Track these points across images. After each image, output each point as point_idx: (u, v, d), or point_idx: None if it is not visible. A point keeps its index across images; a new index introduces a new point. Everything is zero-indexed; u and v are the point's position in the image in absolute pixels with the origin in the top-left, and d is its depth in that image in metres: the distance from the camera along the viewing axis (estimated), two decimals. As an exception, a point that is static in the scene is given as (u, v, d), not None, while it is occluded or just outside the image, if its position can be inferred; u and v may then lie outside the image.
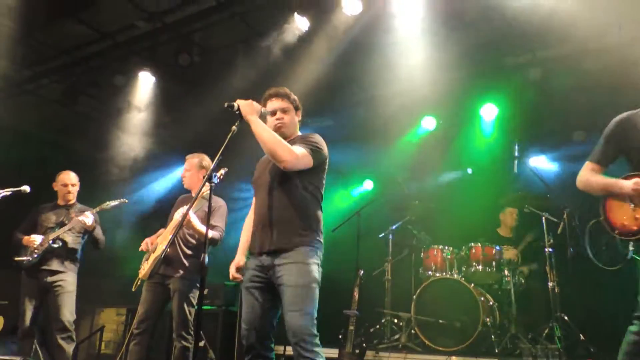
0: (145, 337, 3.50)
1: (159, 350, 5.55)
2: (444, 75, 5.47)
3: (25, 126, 7.00)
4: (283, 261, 2.47)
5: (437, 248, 5.09)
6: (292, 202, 2.56)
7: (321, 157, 2.64)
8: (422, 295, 4.77)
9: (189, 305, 3.58)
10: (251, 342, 2.54)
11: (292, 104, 2.76)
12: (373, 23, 5.01)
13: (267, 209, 2.57)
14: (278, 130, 2.69)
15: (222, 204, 3.81)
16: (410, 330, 4.80)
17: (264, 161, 2.80)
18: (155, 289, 3.61)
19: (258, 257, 2.58)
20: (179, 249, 3.62)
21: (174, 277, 3.58)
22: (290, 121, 2.74)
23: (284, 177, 2.59)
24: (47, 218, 4.29)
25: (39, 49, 6.32)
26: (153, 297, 3.59)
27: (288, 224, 2.53)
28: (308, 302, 2.41)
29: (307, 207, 2.59)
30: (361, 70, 5.76)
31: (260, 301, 2.55)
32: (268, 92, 2.77)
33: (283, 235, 2.51)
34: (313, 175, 2.63)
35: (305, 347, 2.34)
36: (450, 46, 5.19)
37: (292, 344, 2.38)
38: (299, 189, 2.59)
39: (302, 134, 2.76)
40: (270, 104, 2.74)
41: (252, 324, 2.54)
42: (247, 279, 2.61)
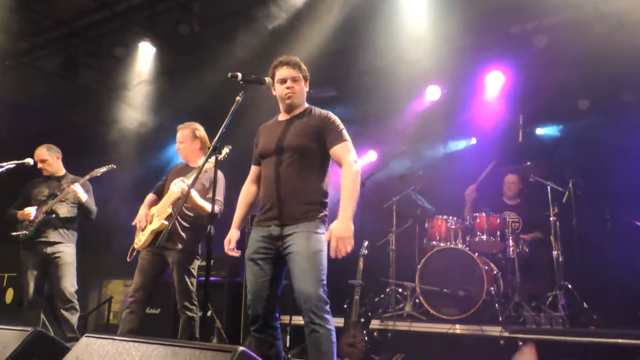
0: (140, 306, 3.48)
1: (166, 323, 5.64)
2: (449, 44, 5.37)
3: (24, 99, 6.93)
4: (293, 230, 2.49)
5: (442, 218, 5.09)
6: (302, 174, 2.56)
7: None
8: (427, 265, 4.80)
9: (189, 277, 3.55)
10: (257, 313, 2.56)
11: (302, 73, 2.71)
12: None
13: (276, 180, 2.56)
14: (289, 99, 2.67)
15: (221, 177, 3.75)
16: (415, 300, 4.85)
17: (270, 129, 2.75)
18: (151, 258, 3.56)
19: (266, 227, 2.58)
20: (177, 222, 3.55)
21: (172, 250, 3.52)
22: (300, 91, 2.71)
23: (294, 149, 2.57)
24: (39, 191, 4.31)
25: (36, 20, 6.20)
26: (149, 267, 3.54)
27: (298, 196, 2.53)
28: (319, 269, 2.43)
29: (316, 179, 2.59)
30: (365, 39, 5.65)
31: (266, 271, 2.57)
32: (278, 59, 2.72)
33: (294, 206, 2.52)
34: (323, 149, 2.61)
35: (317, 312, 2.36)
36: (455, 14, 5.08)
37: (303, 310, 2.39)
38: (308, 161, 2.58)
39: (321, 115, 2.69)
40: (280, 72, 2.69)
41: (258, 294, 2.56)
42: (252, 250, 2.62)
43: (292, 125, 2.66)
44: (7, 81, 6.50)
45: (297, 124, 2.66)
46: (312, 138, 2.60)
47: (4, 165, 3.66)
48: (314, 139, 2.60)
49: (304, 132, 2.62)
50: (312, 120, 2.66)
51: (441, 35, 5.15)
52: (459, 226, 5.04)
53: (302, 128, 2.63)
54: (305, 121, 2.66)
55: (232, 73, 2.49)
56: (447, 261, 4.74)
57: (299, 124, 2.66)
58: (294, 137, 2.61)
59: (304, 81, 2.74)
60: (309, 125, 2.64)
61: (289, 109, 2.73)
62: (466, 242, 4.96)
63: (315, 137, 2.60)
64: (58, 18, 6.26)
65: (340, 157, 2.57)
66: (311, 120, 2.66)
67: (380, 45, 5.64)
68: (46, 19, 6.29)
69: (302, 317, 2.43)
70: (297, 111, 2.73)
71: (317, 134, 2.61)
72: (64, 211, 4.26)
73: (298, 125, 2.65)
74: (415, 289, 4.80)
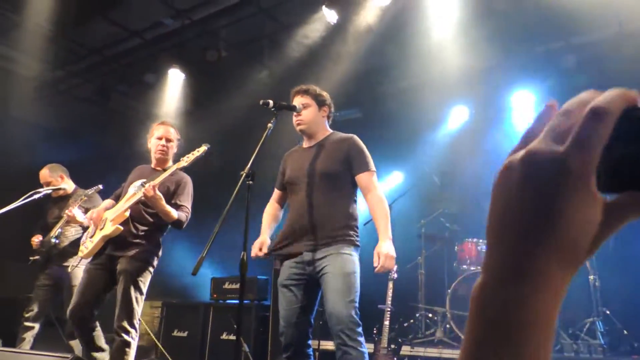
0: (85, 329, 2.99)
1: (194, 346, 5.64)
2: (475, 64, 5.35)
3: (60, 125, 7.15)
4: (325, 254, 2.48)
5: (471, 241, 5.00)
6: (331, 199, 2.56)
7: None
8: (457, 289, 4.70)
9: (136, 290, 2.98)
10: (289, 340, 2.53)
11: (315, 99, 2.72)
12: (402, 13, 4.93)
13: (307, 207, 2.57)
14: (297, 126, 2.69)
15: (189, 181, 3.29)
16: (446, 325, 4.74)
17: (296, 157, 2.77)
18: (97, 272, 3.05)
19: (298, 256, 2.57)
20: (132, 226, 3.08)
21: (122, 257, 3.02)
22: (310, 117, 2.70)
23: (323, 176, 2.58)
24: (51, 213, 4.29)
25: (71, 48, 6.45)
26: (93, 282, 3.02)
27: (329, 221, 2.53)
28: (352, 291, 2.40)
29: (346, 204, 2.59)
30: (390, 61, 5.70)
31: (298, 298, 2.55)
32: (293, 90, 2.76)
33: (325, 232, 2.51)
34: (351, 173, 2.62)
35: (349, 335, 2.32)
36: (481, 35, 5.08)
37: (334, 332, 2.36)
38: (337, 186, 2.58)
39: (347, 139, 2.68)
40: (294, 101, 2.72)
41: (290, 321, 2.53)
42: (284, 276, 2.61)
43: (317, 152, 2.67)
44: (43, 108, 6.72)
45: (322, 150, 2.67)
46: (340, 163, 2.61)
47: (41, 191, 3.74)
48: (342, 163, 2.61)
49: (331, 158, 2.62)
50: (337, 145, 2.66)
51: (467, 55, 5.14)
52: (489, 249, 4.93)
53: (329, 153, 2.64)
54: (331, 146, 2.67)
55: (264, 100, 2.52)
56: (478, 285, 4.62)
57: (324, 150, 2.66)
58: (321, 163, 2.62)
59: (320, 106, 2.73)
60: (335, 150, 2.65)
61: (307, 136, 2.74)
62: (498, 265, 4.83)
63: (342, 162, 2.61)
64: (91, 47, 6.50)
65: (366, 185, 2.58)
66: (336, 145, 2.67)
67: (405, 66, 5.66)
68: (80, 48, 6.53)
69: (333, 340, 2.40)
70: (320, 137, 2.73)
71: (345, 159, 2.61)
72: (72, 233, 4.18)
73: (324, 151, 2.66)
74: (446, 314, 4.69)
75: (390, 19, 4.93)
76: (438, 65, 5.22)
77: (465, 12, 4.74)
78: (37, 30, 5.67)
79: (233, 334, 5.42)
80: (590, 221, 0.36)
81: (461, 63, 5.16)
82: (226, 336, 5.48)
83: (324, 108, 2.76)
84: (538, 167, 0.36)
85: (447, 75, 5.31)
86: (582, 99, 0.38)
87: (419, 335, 4.87)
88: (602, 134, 0.35)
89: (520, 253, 0.36)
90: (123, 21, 5.99)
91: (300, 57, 5.53)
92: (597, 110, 0.36)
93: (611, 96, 0.37)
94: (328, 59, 5.59)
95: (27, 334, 3.88)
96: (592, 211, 0.36)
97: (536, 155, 0.36)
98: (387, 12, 4.85)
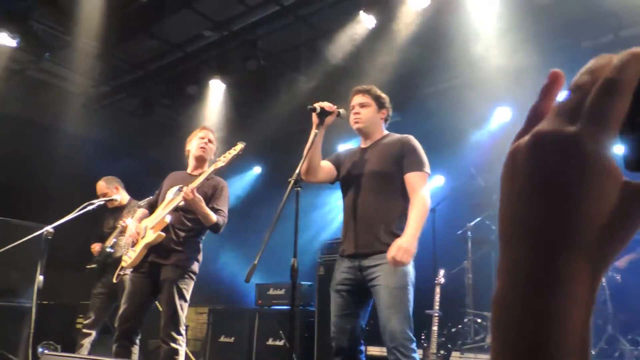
0: (131, 339, 3.03)
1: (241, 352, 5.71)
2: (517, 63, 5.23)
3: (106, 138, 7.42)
4: (379, 262, 2.45)
5: (520, 244, 4.86)
6: (385, 202, 2.54)
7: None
8: (507, 294, 4.58)
9: (180, 299, 2.99)
10: (341, 345, 2.53)
11: (374, 99, 2.71)
12: (441, 14, 4.87)
13: (360, 209, 2.55)
14: (355, 124, 2.67)
15: (226, 185, 3.29)
16: (495, 330, 4.63)
17: (351, 157, 2.75)
18: (142, 280, 3.08)
19: (350, 258, 2.57)
20: (172, 233, 3.08)
21: (165, 265, 3.04)
22: (368, 116, 2.69)
23: (375, 177, 2.56)
24: (107, 223, 4.43)
25: (115, 64, 6.68)
26: (140, 291, 3.06)
27: (384, 225, 2.50)
28: (405, 304, 2.38)
29: (399, 205, 2.56)
30: (429, 63, 5.64)
31: (350, 304, 2.54)
32: (352, 89, 2.76)
33: (379, 235, 2.49)
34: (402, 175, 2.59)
35: (404, 352, 2.30)
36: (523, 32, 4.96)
37: (388, 347, 2.34)
38: (390, 187, 2.56)
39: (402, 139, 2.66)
40: (352, 101, 2.73)
41: (342, 326, 2.53)
42: (336, 281, 2.61)
43: (372, 151, 2.66)
44: (91, 122, 6.99)
45: (377, 150, 2.65)
46: (394, 163, 2.58)
47: (95, 202, 3.88)
48: (396, 164, 2.57)
49: (384, 157, 2.60)
50: (392, 144, 2.64)
51: (509, 54, 5.03)
52: (539, 252, 4.79)
53: (383, 153, 2.62)
54: (385, 146, 2.65)
55: (311, 106, 2.53)
56: (529, 289, 4.50)
57: (379, 150, 2.65)
58: (374, 163, 2.60)
59: (379, 108, 2.72)
60: (389, 150, 2.62)
61: (363, 135, 2.73)
62: (548, 268, 4.69)
63: (395, 161, 2.58)
64: (134, 62, 6.71)
65: (412, 185, 2.53)
66: (392, 144, 2.64)
67: (445, 68, 5.59)
68: (123, 64, 6.76)
69: (387, 354, 2.38)
70: (376, 137, 2.72)
71: (398, 159, 2.58)
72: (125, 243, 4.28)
73: (378, 150, 2.65)
74: (496, 319, 4.58)
75: (428, 21, 4.88)
76: (479, 65, 5.13)
77: (507, 8, 4.63)
78: (85, 48, 5.91)
79: (279, 339, 5.46)
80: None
81: (503, 62, 5.05)
82: (272, 342, 5.53)
83: (383, 110, 2.75)
84: (548, 152, 0.31)
85: (489, 75, 5.21)
86: (592, 67, 0.33)
87: (468, 340, 4.77)
88: (619, 107, 0.31)
89: (536, 254, 0.31)
90: (164, 35, 6.16)
91: (338, 62, 5.54)
92: (610, 81, 0.31)
93: (625, 61, 0.31)
94: (366, 64, 5.59)
95: (84, 340, 4.02)
96: (615, 197, 0.31)
97: (545, 137, 0.32)
98: (426, 14, 4.81)
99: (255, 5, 5.54)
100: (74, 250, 4.51)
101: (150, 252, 3.07)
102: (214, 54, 6.21)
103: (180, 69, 6.58)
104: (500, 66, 5.11)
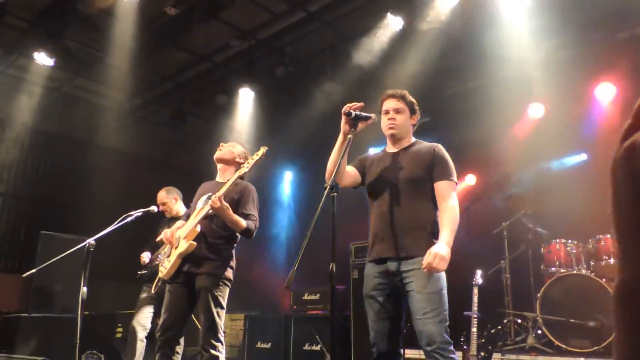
0: (173, 348, 3.07)
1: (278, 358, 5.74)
2: (550, 58, 5.14)
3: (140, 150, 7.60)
4: (412, 267, 2.43)
5: (560, 242, 4.74)
6: (416, 206, 2.52)
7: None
8: (547, 293, 4.47)
9: (217, 306, 3.03)
10: (381, 350, 2.51)
11: (408, 105, 2.71)
12: (471, 11, 4.82)
13: (390, 215, 2.54)
14: (390, 129, 2.67)
15: (253, 189, 3.28)
16: (537, 330, 4.53)
17: (378, 161, 2.74)
18: (179, 290, 3.11)
19: (381, 264, 2.55)
20: (204, 242, 3.11)
21: (199, 275, 3.06)
22: (403, 122, 2.69)
23: (408, 183, 2.56)
24: (158, 234, 4.53)
25: (146, 77, 6.85)
26: (178, 301, 3.09)
27: (416, 230, 2.48)
28: (442, 308, 2.35)
29: (430, 210, 2.54)
30: (458, 62, 5.59)
31: (386, 308, 2.52)
32: (385, 91, 2.75)
33: (411, 241, 2.46)
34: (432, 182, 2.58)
35: (443, 354, 2.27)
36: (554, 25, 4.86)
37: (426, 352, 2.32)
38: (421, 193, 2.55)
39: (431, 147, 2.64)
40: (385, 103, 2.72)
41: (380, 331, 2.51)
42: (369, 286, 2.59)
43: (403, 157, 2.65)
44: (125, 135, 7.18)
45: (408, 156, 2.64)
46: (424, 170, 2.58)
47: (133, 214, 3.95)
48: (426, 170, 2.58)
49: (416, 164, 2.59)
50: (422, 152, 2.63)
51: (541, 49, 4.94)
52: (580, 250, 4.66)
53: (414, 160, 2.61)
54: (416, 153, 2.64)
55: (346, 110, 2.53)
56: (571, 288, 4.38)
57: (410, 156, 2.64)
58: (406, 168, 2.59)
59: (411, 114, 2.72)
60: (420, 157, 2.62)
61: (394, 140, 2.72)
62: (591, 267, 4.57)
63: (427, 168, 2.58)
64: (164, 74, 6.86)
65: (442, 194, 2.53)
66: (422, 152, 2.64)
67: (474, 66, 5.53)
68: (154, 76, 6.91)
69: (420, 349, 2.37)
70: (406, 143, 2.71)
71: (429, 166, 2.58)
72: (163, 253, 4.31)
73: (409, 156, 2.64)
74: (537, 319, 4.48)
75: (457, 19, 4.84)
76: (510, 61, 5.05)
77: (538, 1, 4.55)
78: (117, 63, 6.07)
79: (315, 344, 5.46)
80: None
81: (534, 57, 4.97)
82: (308, 347, 5.54)
83: (414, 116, 2.74)
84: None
85: (520, 71, 5.13)
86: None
87: (509, 342, 4.68)
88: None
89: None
90: (192, 47, 6.28)
91: (366, 65, 5.54)
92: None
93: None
94: (394, 66, 5.57)
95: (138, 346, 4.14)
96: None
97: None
98: (454, 13, 4.76)
99: (282, 12, 5.60)
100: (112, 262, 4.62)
101: (185, 262, 3.11)
102: (242, 62, 6.30)
103: (210, 79, 6.70)
104: (531, 61, 5.03)
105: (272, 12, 5.61)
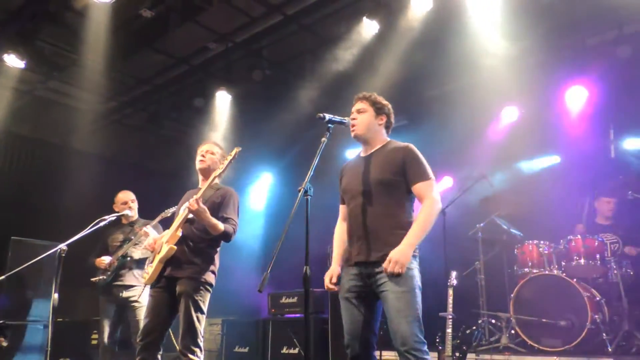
0: (153, 353, 3.04)
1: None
2: (523, 61, 5.23)
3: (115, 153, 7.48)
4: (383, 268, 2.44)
5: (532, 243, 4.84)
6: (388, 210, 2.53)
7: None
8: (520, 293, 4.55)
9: (197, 311, 3.04)
10: (355, 352, 2.52)
11: (372, 105, 2.70)
12: (445, 16, 4.89)
13: (362, 218, 2.55)
14: (352, 131, 2.67)
15: (235, 194, 3.32)
16: (510, 331, 4.60)
17: (352, 166, 2.76)
18: (161, 294, 3.12)
19: (356, 266, 2.56)
20: (185, 246, 3.13)
21: (180, 279, 3.07)
22: (365, 122, 2.66)
23: (379, 185, 2.56)
24: (114, 238, 4.46)
25: (122, 80, 6.76)
26: (160, 305, 3.10)
27: (386, 232, 2.49)
28: (415, 307, 2.36)
29: (402, 212, 2.55)
30: (434, 66, 5.64)
31: (361, 310, 2.53)
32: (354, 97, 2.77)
33: (383, 243, 2.47)
34: (407, 182, 2.58)
35: (416, 354, 2.29)
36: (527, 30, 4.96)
37: (400, 352, 2.33)
38: (393, 195, 2.55)
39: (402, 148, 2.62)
40: (353, 108, 2.73)
41: (355, 333, 2.52)
42: (344, 289, 2.60)
43: (373, 160, 2.64)
44: (100, 139, 7.06)
45: (378, 158, 2.64)
46: (396, 171, 2.57)
47: (106, 218, 3.89)
48: (398, 172, 2.56)
49: (386, 166, 2.59)
50: (393, 153, 2.62)
51: (514, 53, 5.03)
52: (552, 251, 4.76)
53: (384, 162, 2.61)
54: (386, 155, 2.63)
55: (320, 114, 2.53)
56: (543, 289, 4.47)
57: (380, 158, 2.63)
58: (376, 171, 2.59)
59: (377, 113, 2.72)
60: (391, 158, 2.60)
61: (363, 143, 2.73)
62: (562, 267, 4.67)
63: (398, 170, 2.57)
64: (140, 77, 6.78)
65: (421, 195, 2.53)
66: (393, 153, 2.62)
67: (450, 70, 5.59)
68: (129, 79, 6.82)
69: (395, 351, 2.38)
70: (377, 145, 2.71)
71: (400, 168, 2.58)
72: (138, 254, 4.35)
73: (379, 159, 2.63)
74: (510, 319, 4.56)
75: (431, 24, 4.90)
76: (484, 66, 5.13)
77: (510, 7, 4.63)
78: (91, 65, 5.98)
79: (293, 347, 5.45)
80: None
81: (508, 62, 5.05)
82: (286, 350, 5.53)
83: (382, 116, 2.71)
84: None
85: (494, 75, 5.21)
86: None
87: (483, 342, 4.75)
88: None
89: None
90: (169, 49, 6.22)
91: (343, 69, 5.57)
92: None
93: None
94: (370, 69, 5.60)
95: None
96: None
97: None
98: (429, 18, 4.82)
99: (259, 15, 5.58)
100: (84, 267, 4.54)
101: (166, 266, 3.11)
102: (220, 65, 6.27)
103: (187, 82, 6.64)
104: (505, 66, 5.11)
105: (250, 15, 5.59)
